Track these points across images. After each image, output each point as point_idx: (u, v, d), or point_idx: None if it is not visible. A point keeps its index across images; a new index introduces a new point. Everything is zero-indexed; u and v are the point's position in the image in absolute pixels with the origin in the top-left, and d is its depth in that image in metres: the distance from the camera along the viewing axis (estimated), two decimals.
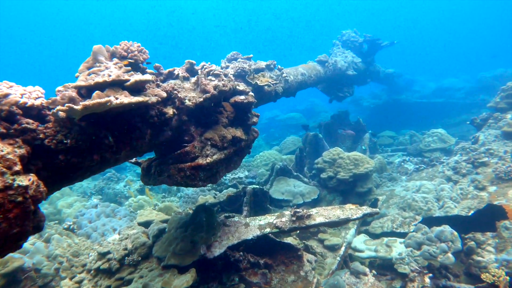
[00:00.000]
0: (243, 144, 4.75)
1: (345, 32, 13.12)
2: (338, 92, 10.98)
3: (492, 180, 6.63)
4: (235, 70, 5.93)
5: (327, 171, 7.62)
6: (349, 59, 11.47)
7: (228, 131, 4.46)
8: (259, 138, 19.19)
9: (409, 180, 8.42)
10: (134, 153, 3.94)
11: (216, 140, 4.29)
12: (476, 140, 8.19)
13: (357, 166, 7.29)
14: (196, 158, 4.25)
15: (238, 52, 6.69)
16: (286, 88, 7.13)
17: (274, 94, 6.68)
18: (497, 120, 8.49)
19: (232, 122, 4.68)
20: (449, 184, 6.95)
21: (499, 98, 9.20)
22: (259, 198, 7.05)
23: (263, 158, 11.56)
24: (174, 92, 4.11)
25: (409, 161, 9.56)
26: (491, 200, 6.18)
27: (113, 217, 6.34)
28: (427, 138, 10.76)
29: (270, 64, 6.73)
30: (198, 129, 4.40)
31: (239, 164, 5.09)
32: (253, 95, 5.08)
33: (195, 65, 4.88)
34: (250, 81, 5.91)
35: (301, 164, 9.09)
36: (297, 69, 7.98)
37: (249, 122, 4.79)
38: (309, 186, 7.81)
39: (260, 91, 6.13)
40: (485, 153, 7.33)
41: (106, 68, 3.36)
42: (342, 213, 5.31)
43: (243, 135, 4.65)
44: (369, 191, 7.33)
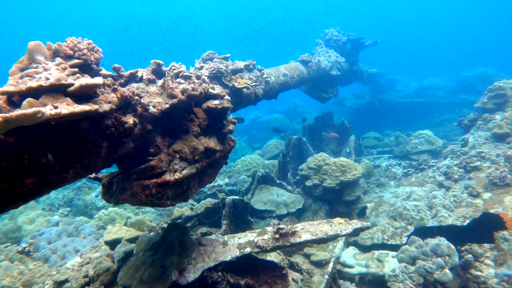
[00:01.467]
0: (218, 156, 4.18)
1: (328, 31, 12.71)
2: (322, 93, 10.53)
3: (486, 186, 6.26)
4: (210, 71, 5.35)
5: (312, 178, 7.13)
6: (332, 58, 11.04)
7: (200, 142, 3.89)
8: (240, 140, 18.71)
9: (398, 185, 8.02)
10: (87, 171, 3.32)
11: (186, 152, 3.71)
12: (466, 143, 7.85)
13: (344, 173, 6.82)
14: (163, 173, 3.67)
15: (214, 51, 6.12)
16: (267, 90, 6.59)
17: (254, 96, 6.13)
18: (486, 121, 8.19)
19: (205, 130, 4.11)
20: (441, 190, 6.56)
21: (486, 98, 8.92)
22: (240, 210, 6.49)
23: (245, 163, 11.01)
24: (135, 98, 3.51)
25: (397, 165, 9.18)
26: (487, 208, 5.81)
27: (77, 236, 5.66)
28: (413, 140, 10.43)
29: (249, 64, 6.19)
30: (165, 140, 3.81)
31: (215, 177, 4.52)
32: (229, 99, 4.52)
33: (163, 65, 4.29)
34: (227, 83, 5.35)
35: (284, 170, 8.58)
36: (279, 70, 7.46)
37: (225, 130, 4.23)
38: (293, 195, 7.30)
39: (238, 94, 5.57)
40: (476, 156, 6.98)
41: (45, 70, 2.74)
42: (330, 229, 4.81)
43: (217, 145, 4.08)
44: (357, 199, 6.87)
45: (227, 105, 4.11)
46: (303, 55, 9.12)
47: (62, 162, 2.87)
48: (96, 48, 3.19)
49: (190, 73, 4.16)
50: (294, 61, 8.83)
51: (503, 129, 7.32)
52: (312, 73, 9.08)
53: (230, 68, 5.86)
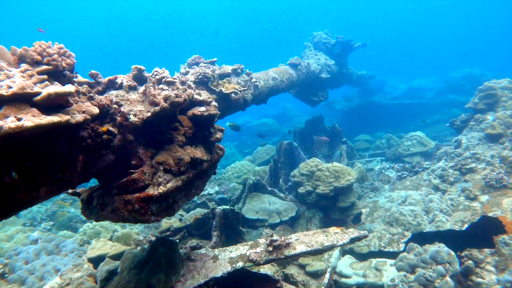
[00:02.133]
0: (206, 166, 3.92)
1: (317, 34, 12.58)
2: (312, 96, 10.35)
3: (483, 188, 6.12)
4: (195, 76, 5.10)
5: (305, 185, 6.90)
6: (322, 61, 10.88)
7: (186, 152, 3.62)
8: (230, 146, 18.44)
9: (393, 189, 7.85)
10: (61, 188, 3.03)
11: (171, 163, 3.44)
12: (459, 144, 7.73)
13: (338, 178, 6.61)
14: (146, 187, 3.40)
15: (200, 55, 5.88)
16: (256, 94, 6.37)
17: (243, 102, 5.89)
18: (479, 122, 8.09)
19: (191, 139, 3.85)
20: (437, 194, 6.39)
21: (477, 98, 8.83)
22: (231, 220, 6.22)
23: (235, 170, 10.74)
24: (113, 107, 3.24)
25: (390, 168, 9.02)
26: (485, 212, 5.65)
27: (58, 254, 5.32)
28: (405, 142, 10.31)
29: (237, 69, 5.95)
30: (148, 151, 3.54)
31: (203, 189, 4.26)
32: (216, 105, 4.27)
33: (144, 71, 4.03)
34: (214, 88, 5.10)
35: (275, 176, 8.34)
36: (268, 74, 7.25)
37: (212, 138, 3.98)
38: (286, 202, 7.06)
39: (226, 99, 5.33)
40: (471, 158, 6.84)
41: (8, 77, 2.45)
42: (326, 239, 4.58)
43: (204, 155, 3.82)
44: (352, 205, 6.66)
45: (214, 112, 3.86)
46: (292, 58, 8.93)
47: (30, 180, 2.59)
48: (68, 53, 2.91)
49: (174, 79, 3.91)
50: (283, 64, 8.63)
51: (496, 130, 7.21)
52: (301, 77, 8.89)
53: (217, 73, 5.62)
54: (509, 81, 8.72)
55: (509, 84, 8.68)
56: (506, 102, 8.33)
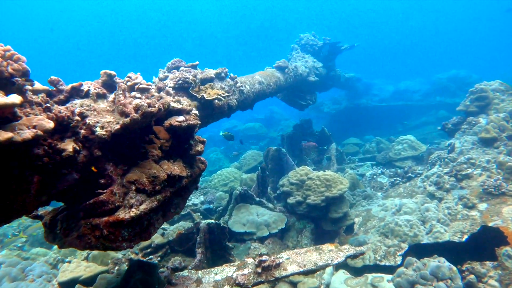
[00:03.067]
0: (185, 182, 3.50)
1: (304, 36, 12.27)
2: (300, 100, 10.02)
3: (481, 195, 5.84)
4: (175, 82, 4.68)
5: (295, 195, 6.53)
6: (309, 64, 10.56)
7: (162, 168, 3.20)
8: (217, 151, 17.95)
9: (386, 197, 7.54)
10: (12, 215, 2.58)
11: (144, 182, 3.01)
12: (452, 148, 7.47)
13: (329, 187, 6.25)
14: (117, 209, 2.97)
15: (180, 59, 5.46)
16: (241, 100, 5.97)
17: (227, 108, 5.50)
18: (471, 125, 7.86)
19: (168, 153, 3.42)
20: (433, 202, 6.10)
21: (468, 101, 8.63)
22: (216, 235, 5.79)
23: (221, 178, 10.30)
24: (75, 119, 2.80)
25: (382, 174, 8.73)
26: (485, 221, 5.36)
27: (23, 279, 4.80)
28: (396, 146, 10.05)
29: (220, 73, 5.55)
30: (119, 168, 3.10)
31: (183, 207, 3.83)
32: (197, 114, 3.86)
33: (115, 77, 3.59)
34: (195, 94, 4.68)
35: (263, 185, 7.94)
36: (254, 77, 6.86)
37: (192, 151, 3.56)
38: (275, 213, 6.67)
39: (208, 106, 4.92)
40: (466, 163, 6.58)
41: None
42: (320, 258, 4.21)
43: (184, 171, 3.40)
44: (344, 216, 6.31)
45: (194, 122, 3.45)
46: (279, 61, 8.58)
47: None
48: (16, 57, 2.47)
49: (148, 85, 3.49)
50: (269, 67, 8.27)
51: (490, 133, 6.98)
52: (289, 80, 8.54)
53: (199, 78, 5.20)
54: (500, 83, 8.54)
55: (500, 86, 8.50)
56: (498, 104, 8.14)
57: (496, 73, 26.03)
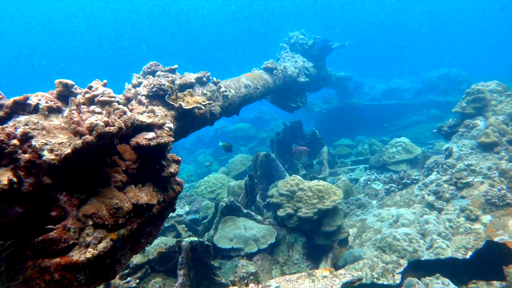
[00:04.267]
0: (157, 209, 3.01)
1: (293, 34, 11.81)
2: (290, 102, 9.55)
3: (484, 206, 5.46)
4: (149, 89, 4.16)
5: (285, 207, 6.07)
6: (299, 64, 10.11)
7: (127, 196, 2.70)
8: (206, 153, 17.40)
9: (382, 205, 7.14)
10: None
11: (104, 216, 2.51)
12: (450, 153, 7.10)
13: (322, 199, 5.81)
14: (71, 248, 2.47)
15: (157, 62, 4.94)
16: (225, 106, 5.48)
17: (210, 116, 5.00)
18: (469, 128, 7.50)
19: (135, 176, 2.92)
20: (433, 214, 5.70)
21: (465, 102, 8.27)
22: (200, 254, 5.31)
23: (208, 184, 9.81)
24: (11, 144, 2.29)
25: (377, 180, 8.33)
26: (490, 236, 4.98)
27: None
28: (390, 149, 9.67)
29: (201, 77, 5.05)
30: (74, 198, 2.59)
31: (157, 234, 3.33)
32: (171, 128, 3.36)
33: (73, 87, 3.08)
34: (172, 103, 4.17)
35: (252, 193, 7.47)
36: (240, 80, 6.37)
37: (165, 173, 3.06)
38: (264, 226, 6.21)
39: (188, 115, 4.42)
40: (466, 170, 6.21)
41: None
42: (313, 286, 3.75)
43: (154, 197, 2.91)
44: (338, 229, 5.88)
45: (166, 140, 2.95)
46: (267, 61, 8.09)
47: None
48: None
49: (111, 97, 2.98)
50: (257, 69, 7.77)
51: (490, 138, 6.62)
52: (278, 82, 8.07)
53: (178, 83, 4.70)
54: (497, 84, 8.20)
55: (497, 86, 8.15)
56: (495, 106, 7.79)
57: (486, 70, 25.97)
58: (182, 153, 23.03)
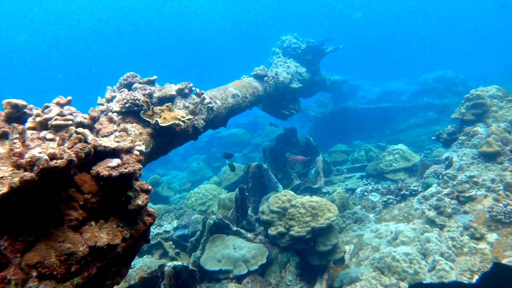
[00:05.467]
0: (124, 247, 2.61)
1: (285, 38, 11.45)
2: (282, 109, 9.19)
3: (488, 223, 5.10)
4: (121, 105, 3.76)
5: (277, 225, 5.68)
6: (292, 69, 9.74)
7: (83, 237, 2.30)
8: (199, 160, 16.96)
9: (379, 220, 6.76)
10: None
11: (52, 265, 2.11)
12: (450, 163, 6.74)
13: (316, 216, 5.43)
14: None
15: (135, 73, 4.56)
16: (210, 118, 5.09)
17: (193, 131, 4.61)
18: (469, 136, 7.15)
19: (96, 211, 2.52)
20: (434, 231, 5.33)
21: (464, 108, 7.92)
22: (184, 279, 4.91)
23: (199, 196, 9.41)
24: None
25: (374, 191, 7.95)
26: (497, 257, 4.61)
27: None
28: (387, 157, 9.31)
29: (183, 88, 4.66)
30: (18, 242, 2.18)
31: (126, 273, 2.93)
32: (141, 151, 2.98)
33: (26, 107, 2.70)
34: (148, 119, 3.78)
35: (243, 207, 7.07)
36: (227, 90, 5.98)
37: (131, 206, 2.66)
38: (254, 245, 5.82)
39: (167, 132, 4.03)
40: (468, 182, 5.85)
41: None
42: None
43: (117, 236, 2.51)
44: (333, 248, 5.50)
45: (131, 169, 2.55)
46: (257, 68, 7.71)
47: None
48: None
49: (66, 120, 2.58)
50: (246, 76, 7.39)
51: (492, 147, 6.27)
52: (269, 89, 7.68)
53: (157, 96, 4.32)
54: (497, 89, 7.87)
55: (497, 91, 7.82)
56: (496, 112, 7.46)
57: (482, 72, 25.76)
58: (176, 159, 22.59)
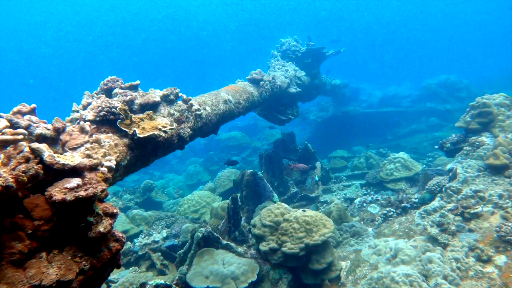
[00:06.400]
0: (81, 281, 2.27)
1: (285, 41, 11.12)
2: (279, 115, 8.85)
3: (496, 244, 4.74)
4: (96, 113, 3.42)
5: (268, 240, 5.34)
6: (290, 73, 9.40)
7: (26, 274, 1.97)
8: (196, 163, 16.60)
9: (378, 234, 6.41)
10: None
11: None
12: (454, 175, 6.40)
13: (310, 232, 5.09)
14: None
15: (117, 77, 4.23)
16: (199, 126, 4.76)
17: (178, 140, 4.28)
18: (475, 146, 6.80)
19: (48, 240, 2.19)
20: (437, 250, 4.98)
21: (469, 116, 7.57)
22: None
23: (192, 203, 9.07)
24: None
25: (373, 202, 7.59)
26: (507, 283, 4.25)
27: None
28: (388, 165, 8.95)
29: (168, 94, 4.33)
30: None
31: None
32: (110, 167, 2.66)
33: None
34: (125, 129, 3.45)
35: (235, 218, 6.72)
36: (218, 95, 5.65)
37: (92, 233, 2.33)
38: (245, 261, 5.47)
39: (147, 142, 3.69)
40: (473, 197, 5.50)
41: None
42: None
43: (71, 270, 2.17)
44: (328, 266, 5.16)
45: (91, 192, 2.21)
46: (253, 71, 7.38)
47: None
48: None
49: (15, 135, 2.25)
50: (241, 80, 7.06)
51: (500, 160, 5.92)
52: (265, 94, 7.35)
53: (138, 103, 3.98)
54: (504, 97, 7.51)
55: (505, 100, 7.47)
56: (503, 121, 7.10)
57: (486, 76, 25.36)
58: (174, 161, 22.26)
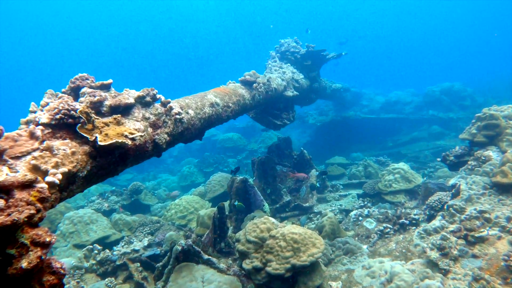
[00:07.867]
0: None
1: (284, 42, 10.67)
2: (274, 119, 8.40)
3: (503, 273, 4.29)
4: (52, 116, 2.97)
5: (252, 257, 4.88)
6: (288, 75, 8.95)
7: None
8: (191, 164, 16.17)
9: (373, 253, 5.95)
10: None
11: None
12: (458, 192, 5.95)
13: (298, 252, 4.64)
14: None
15: (88, 74, 3.77)
16: (179, 132, 4.31)
17: (153, 147, 3.83)
18: (480, 161, 6.35)
19: None
20: (437, 278, 4.53)
21: (474, 129, 7.12)
22: None
23: (179, 208, 8.62)
24: None
25: (369, 216, 7.13)
26: None
27: None
28: (387, 176, 8.51)
29: (144, 96, 3.88)
30: None
31: None
32: (51, 184, 2.22)
33: None
34: (86, 135, 3.00)
35: (221, 228, 6.29)
36: (204, 98, 5.20)
37: (12, 269, 1.88)
38: (226, 278, 5.02)
39: (114, 149, 3.25)
40: (478, 218, 5.05)
41: None
42: None
43: None
44: None
45: (13, 218, 1.77)
46: (247, 73, 6.93)
47: None
48: None
49: None
50: (233, 82, 6.61)
51: (508, 178, 5.47)
52: (258, 97, 6.90)
53: (108, 104, 3.53)
54: None
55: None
56: (511, 135, 6.65)
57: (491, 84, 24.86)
58: (169, 161, 21.82)
